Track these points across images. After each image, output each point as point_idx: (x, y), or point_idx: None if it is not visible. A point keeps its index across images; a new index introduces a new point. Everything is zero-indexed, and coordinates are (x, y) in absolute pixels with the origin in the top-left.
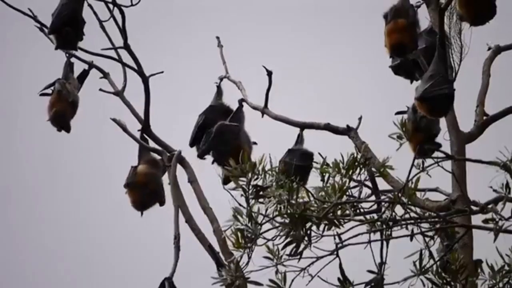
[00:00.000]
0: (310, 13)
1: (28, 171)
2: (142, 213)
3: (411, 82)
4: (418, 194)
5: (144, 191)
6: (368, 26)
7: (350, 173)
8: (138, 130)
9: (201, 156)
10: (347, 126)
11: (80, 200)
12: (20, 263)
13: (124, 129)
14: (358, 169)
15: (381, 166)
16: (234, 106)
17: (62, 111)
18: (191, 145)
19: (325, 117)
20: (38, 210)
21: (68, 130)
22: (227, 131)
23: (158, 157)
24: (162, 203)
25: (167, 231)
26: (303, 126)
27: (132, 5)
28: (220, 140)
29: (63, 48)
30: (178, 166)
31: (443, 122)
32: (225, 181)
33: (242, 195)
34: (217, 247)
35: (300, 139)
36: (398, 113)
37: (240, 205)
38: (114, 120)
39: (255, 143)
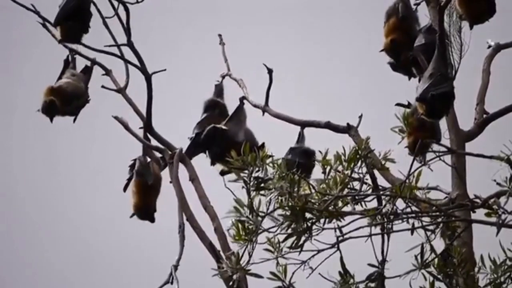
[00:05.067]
0: (311, 11)
1: (28, 169)
2: (132, 217)
3: (409, 79)
4: (418, 192)
5: (151, 195)
6: (368, 25)
7: (352, 165)
8: (140, 128)
9: (190, 156)
10: (348, 124)
11: (81, 198)
12: (20, 263)
13: (126, 127)
14: (360, 162)
15: (382, 158)
16: (235, 104)
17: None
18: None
19: (326, 115)
20: (38, 209)
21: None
22: (217, 134)
23: (159, 155)
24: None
25: (168, 230)
26: (303, 124)
27: (137, 2)
28: (210, 142)
29: (66, 42)
30: (179, 164)
31: (443, 120)
32: (223, 172)
33: (243, 187)
34: (218, 245)
35: (301, 137)
36: (398, 104)
37: (237, 200)
38: (116, 118)
39: (262, 144)
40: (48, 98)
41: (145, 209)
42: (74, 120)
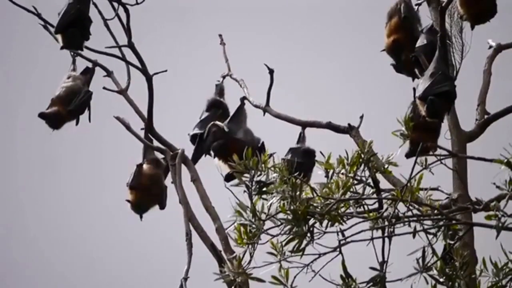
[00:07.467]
0: (312, 12)
1: (29, 170)
2: (141, 217)
3: (413, 80)
4: (419, 193)
5: (145, 194)
6: (370, 25)
7: (355, 169)
8: (142, 129)
9: (194, 161)
10: (349, 124)
11: (82, 198)
12: (20, 264)
13: (128, 128)
14: (362, 166)
15: (386, 162)
16: (236, 104)
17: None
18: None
19: (327, 116)
20: (40, 210)
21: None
22: (218, 132)
23: (161, 156)
24: (162, 207)
25: (170, 230)
26: (304, 124)
27: (137, 3)
28: (212, 139)
29: (68, 48)
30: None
31: (444, 121)
32: (228, 178)
33: (245, 191)
34: (219, 246)
35: (302, 137)
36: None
37: (239, 204)
38: (117, 118)
39: (262, 144)
40: (49, 110)
41: (137, 207)
42: (77, 122)
